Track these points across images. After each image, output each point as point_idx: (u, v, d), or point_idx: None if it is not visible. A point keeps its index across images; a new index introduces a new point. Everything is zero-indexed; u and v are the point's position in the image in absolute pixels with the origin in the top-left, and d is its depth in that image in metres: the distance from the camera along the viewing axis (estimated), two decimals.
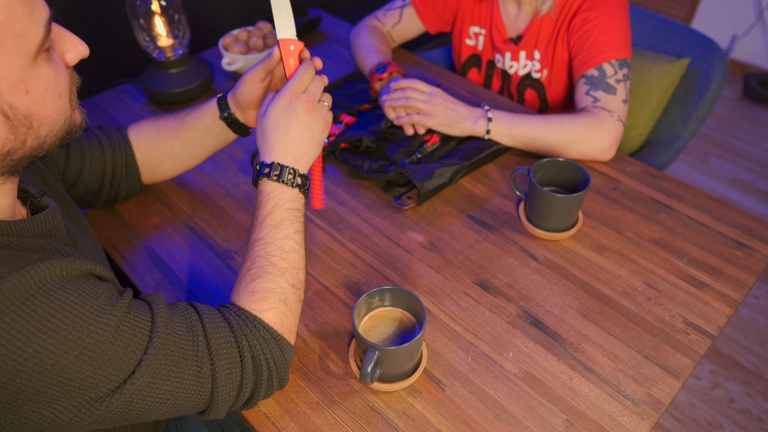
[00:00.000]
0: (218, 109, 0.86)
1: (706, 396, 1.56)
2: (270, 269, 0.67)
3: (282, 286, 0.67)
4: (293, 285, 0.68)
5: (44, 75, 0.52)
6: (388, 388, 0.69)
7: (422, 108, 1.01)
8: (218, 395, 0.59)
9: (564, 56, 1.13)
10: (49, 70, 0.52)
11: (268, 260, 0.67)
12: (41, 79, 0.52)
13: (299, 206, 0.72)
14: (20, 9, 0.48)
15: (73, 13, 1.42)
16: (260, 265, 0.67)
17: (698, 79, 1.26)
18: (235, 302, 0.66)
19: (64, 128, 0.57)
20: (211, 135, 0.89)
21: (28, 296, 0.47)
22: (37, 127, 0.53)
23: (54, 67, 0.53)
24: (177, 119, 0.89)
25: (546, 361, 0.73)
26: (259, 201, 0.71)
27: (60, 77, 0.54)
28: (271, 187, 0.71)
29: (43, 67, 0.52)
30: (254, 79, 0.82)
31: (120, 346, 0.51)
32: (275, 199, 0.70)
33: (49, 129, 0.54)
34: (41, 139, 0.54)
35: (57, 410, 0.49)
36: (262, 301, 0.65)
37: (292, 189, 0.71)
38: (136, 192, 0.95)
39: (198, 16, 1.65)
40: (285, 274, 0.67)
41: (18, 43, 0.48)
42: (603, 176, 1.00)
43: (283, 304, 0.66)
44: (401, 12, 1.28)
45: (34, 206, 0.63)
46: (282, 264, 0.68)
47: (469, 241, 0.89)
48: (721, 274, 0.83)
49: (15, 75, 0.49)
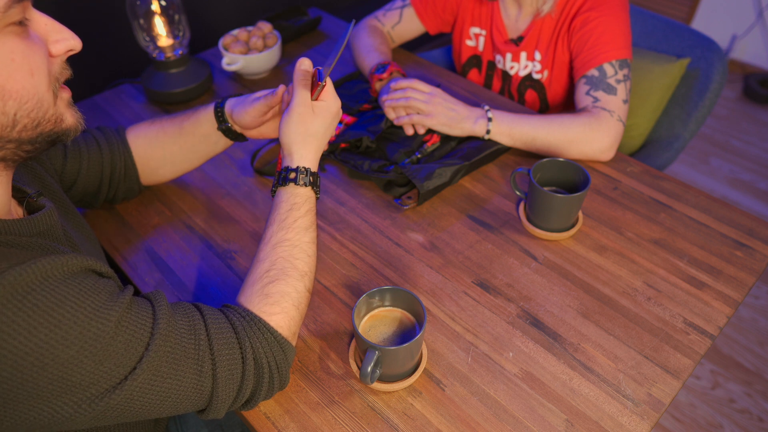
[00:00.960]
0: (216, 120, 0.86)
1: (706, 396, 1.56)
2: (291, 272, 0.67)
3: (299, 290, 0.67)
4: (309, 290, 0.69)
5: (9, 46, 0.50)
6: (388, 388, 0.69)
7: (422, 108, 1.01)
8: (218, 395, 0.59)
9: (564, 57, 1.13)
10: (17, 43, 0.50)
11: (291, 263, 0.67)
12: (4, 49, 0.50)
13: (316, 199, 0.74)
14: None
15: (74, 13, 1.42)
16: (282, 267, 0.67)
17: (698, 79, 1.26)
18: (244, 303, 0.66)
19: (38, 111, 0.54)
20: (210, 143, 0.89)
21: (30, 290, 0.47)
22: (4, 102, 0.50)
23: (26, 42, 0.51)
24: (175, 124, 0.89)
25: (546, 361, 0.73)
26: (292, 203, 0.71)
27: (33, 54, 0.52)
28: (302, 190, 0.71)
29: (9, 39, 0.50)
30: (258, 113, 0.83)
31: (121, 342, 0.51)
32: (309, 204, 0.71)
33: (17, 105, 0.52)
34: (9, 117, 0.51)
35: (57, 406, 0.49)
36: (275, 305, 0.65)
37: (315, 194, 0.73)
38: (135, 193, 0.95)
39: (198, 16, 1.65)
40: (304, 278, 0.68)
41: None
42: (603, 176, 1.00)
43: (295, 309, 0.66)
44: (401, 12, 1.28)
45: (31, 206, 0.63)
46: (304, 268, 0.68)
47: (469, 241, 0.89)
48: (721, 274, 0.83)
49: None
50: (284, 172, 0.72)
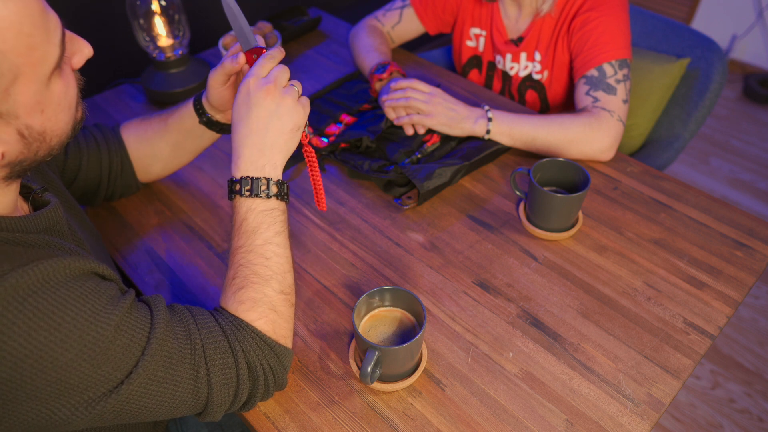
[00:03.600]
0: (196, 114, 0.84)
1: (706, 396, 1.56)
2: (253, 279, 0.64)
3: (269, 294, 0.64)
4: (281, 291, 0.66)
5: (57, 92, 0.52)
6: (388, 388, 0.69)
7: (422, 108, 1.01)
8: (213, 399, 0.59)
9: (564, 57, 1.13)
10: (61, 86, 0.53)
11: (251, 269, 0.64)
12: (54, 97, 0.52)
13: (275, 205, 0.67)
14: (39, 36, 0.48)
15: (74, 13, 1.42)
16: (243, 274, 0.64)
17: (698, 79, 1.26)
18: (225, 308, 0.65)
19: (71, 132, 0.57)
20: (195, 137, 0.88)
21: (31, 293, 0.47)
22: (50, 139, 0.54)
23: (65, 80, 0.53)
24: (161, 121, 0.88)
25: (546, 361, 0.73)
26: (232, 207, 0.68)
27: (70, 89, 0.54)
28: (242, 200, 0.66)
29: (55, 84, 0.52)
30: (217, 83, 0.78)
31: (119, 346, 0.52)
32: (246, 204, 0.66)
33: (59, 139, 0.55)
34: (51, 148, 0.55)
35: (55, 408, 0.49)
36: (251, 311, 0.64)
37: (268, 200, 0.66)
38: (133, 189, 0.95)
39: (198, 16, 1.65)
40: (270, 282, 0.65)
41: (36, 69, 0.48)
42: (603, 176, 1.00)
43: (273, 312, 0.65)
44: (401, 13, 1.28)
45: (36, 202, 0.63)
46: (265, 272, 0.65)
47: (469, 241, 0.89)
48: (721, 274, 0.83)
49: (32, 99, 0.49)
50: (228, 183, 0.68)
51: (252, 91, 0.67)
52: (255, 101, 0.66)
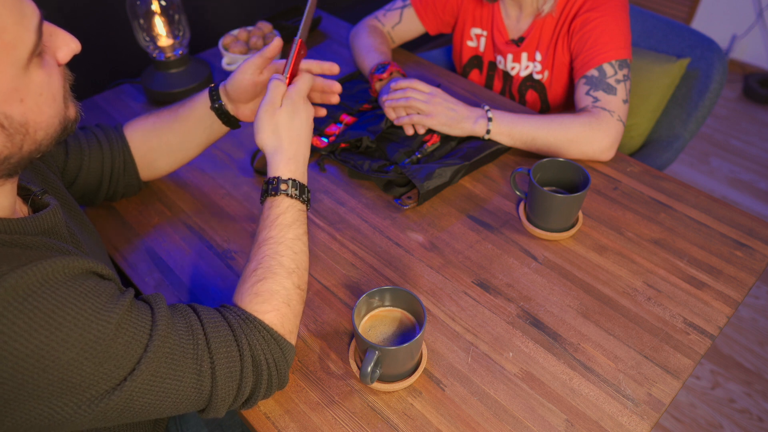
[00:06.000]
0: (209, 100, 0.87)
1: (706, 396, 1.56)
2: (277, 270, 0.67)
3: (288, 287, 0.67)
4: (299, 286, 0.68)
5: (37, 81, 0.51)
6: (388, 388, 0.69)
7: (422, 108, 1.01)
8: (217, 394, 0.59)
9: (565, 58, 1.13)
10: (42, 75, 0.52)
11: (276, 260, 0.67)
12: (34, 85, 0.51)
13: (305, 209, 0.74)
14: (9, 17, 0.47)
15: (73, 13, 1.42)
16: (268, 265, 0.67)
17: (698, 79, 1.26)
18: (238, 303, 0.66)
19: (60, 128, 0.56)
20: (204, 126, 0.90)
21: (31, 293, 0.47)
22: (33, 132, 0.52)
23: (47, 70, 0.52)
24: (171, 111, 0.90)
25: (546, 361, 0.73)
26: (269, 202, 0.71)
27: (53, 80, 0.53)
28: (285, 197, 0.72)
29: (35, 72, 0.51)
30: (250, 69, 0.83)
31: (121, 344, 0.52)
32: (289, 201, 0.71)
33: (45, 132, 0.54)
34: (38, 143, 0.54)
35: (57, 407, 0.49)
36: (265, 303, 0.65)
37: (304, 204, 0.74)
38: (135, 189, 0.95)
39: (198, 16, 1.65)
40: (292, 276, 0.68)
41: (9, 52, 0.48)
42: (603, 176, 1.00)
43: (286, 306, 0.66)
44: (401, 13, 1.28)
45: (35, 204, 0.63)
46: (290, 265, 0.68)
47: (469, 241, 0.89)
48: (721, 274, 0.83)
49: (7, 85, 0.48)
50: (265, 184, 0.73)
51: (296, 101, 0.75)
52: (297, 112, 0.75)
